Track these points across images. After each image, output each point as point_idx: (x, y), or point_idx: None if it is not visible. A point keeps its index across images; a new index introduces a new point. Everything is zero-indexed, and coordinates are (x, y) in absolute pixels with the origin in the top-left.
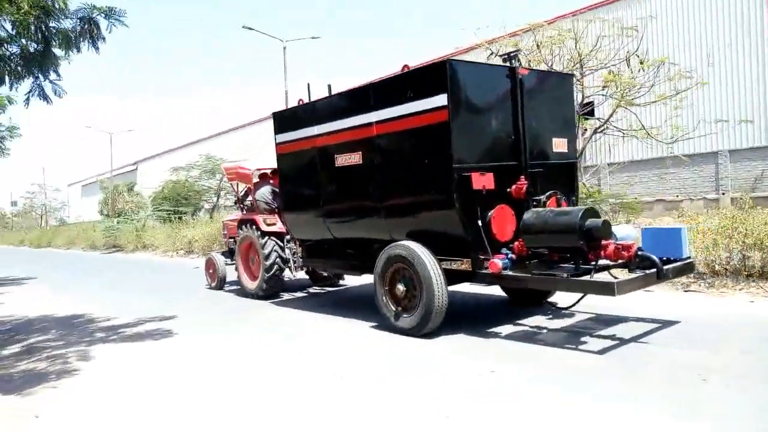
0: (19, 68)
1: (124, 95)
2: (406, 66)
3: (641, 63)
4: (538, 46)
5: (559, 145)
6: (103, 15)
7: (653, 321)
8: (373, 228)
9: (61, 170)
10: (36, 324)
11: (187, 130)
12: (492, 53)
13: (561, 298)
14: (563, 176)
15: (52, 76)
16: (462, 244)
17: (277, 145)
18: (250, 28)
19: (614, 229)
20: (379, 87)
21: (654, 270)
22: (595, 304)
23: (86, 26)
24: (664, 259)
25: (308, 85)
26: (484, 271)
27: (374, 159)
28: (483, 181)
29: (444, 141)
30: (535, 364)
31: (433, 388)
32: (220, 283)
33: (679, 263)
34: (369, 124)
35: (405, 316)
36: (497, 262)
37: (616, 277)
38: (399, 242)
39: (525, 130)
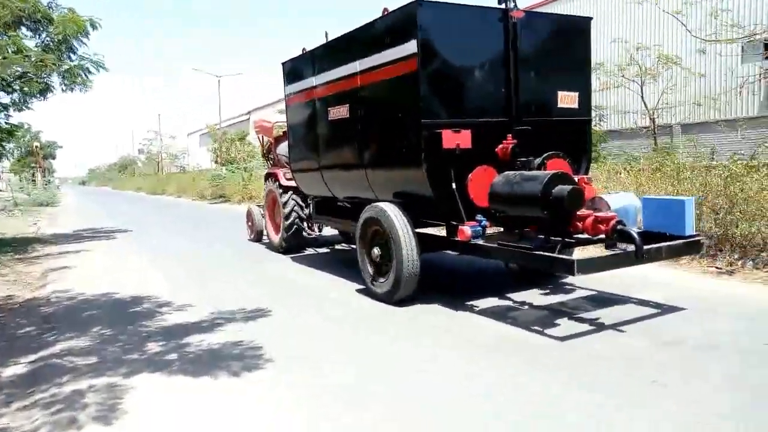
0: None
1: (233, 33)
2: (385, 9)
3: None
4: None
5: (567, 99)
6: None
7: (656, 305)
8: (360, 187)
9: (182, 118)
10: (86, 309)
11: None
12: None
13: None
14: (571, 136)
15: None
16: (435, 208)
17: (285, 97)
18: None
19: (610, 197)
20: (360, 34)
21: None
22: (617, 277)
23: None
24: (668, 234)
25: (326, 33)
26: (455, 239)
27: (359, 112)
28: (457, 139)
29: (413, 94)
30: (480, 345)
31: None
32: (258, 236)
33: (679, 241)
34: (354, 75)
35: (381, 280)
36: (466, 229)
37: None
38: (375, 203)
39: (518, 81)
